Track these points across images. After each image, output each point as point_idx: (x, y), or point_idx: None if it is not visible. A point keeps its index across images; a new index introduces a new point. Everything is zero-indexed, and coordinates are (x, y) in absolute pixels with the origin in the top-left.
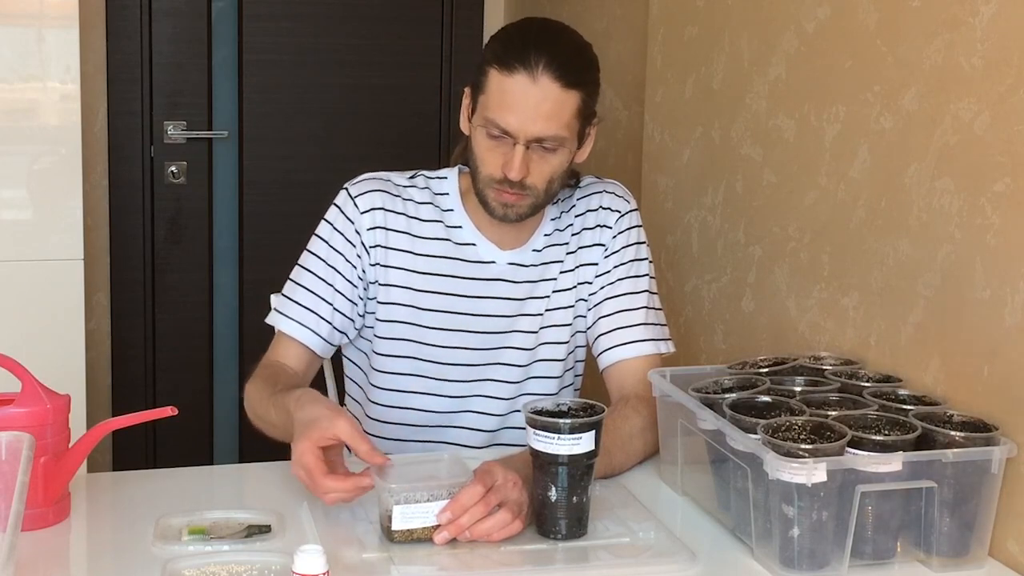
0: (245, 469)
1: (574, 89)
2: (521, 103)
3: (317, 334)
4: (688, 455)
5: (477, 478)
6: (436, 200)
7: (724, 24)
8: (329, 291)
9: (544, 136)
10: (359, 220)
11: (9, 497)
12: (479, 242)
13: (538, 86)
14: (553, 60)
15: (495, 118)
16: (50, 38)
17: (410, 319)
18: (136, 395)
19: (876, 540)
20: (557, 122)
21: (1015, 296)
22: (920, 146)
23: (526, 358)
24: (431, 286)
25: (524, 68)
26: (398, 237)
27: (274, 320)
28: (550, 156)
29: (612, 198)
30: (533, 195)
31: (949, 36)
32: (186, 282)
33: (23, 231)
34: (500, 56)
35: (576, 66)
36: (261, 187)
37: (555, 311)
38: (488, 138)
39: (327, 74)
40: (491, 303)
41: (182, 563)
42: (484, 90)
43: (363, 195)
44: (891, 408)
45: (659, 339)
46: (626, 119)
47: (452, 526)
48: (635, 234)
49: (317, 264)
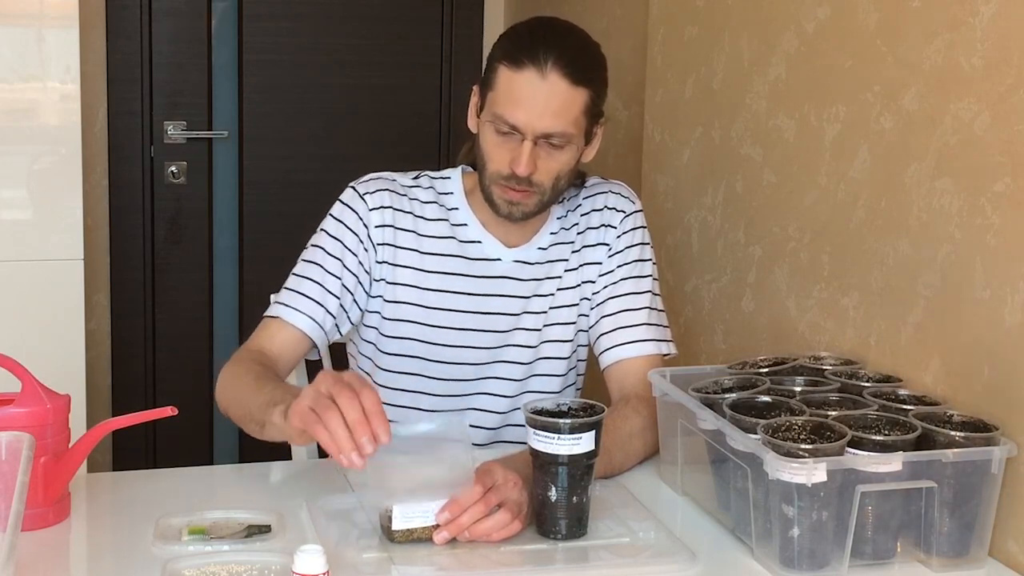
0: (245, 469)
1: (582, 86)
2: (530, 99)
3: (316, 322)
4: (688, 455)
5: (477, 478)
6: (441, 199)
7: (724, 24)
8: (337, 284)
9: (552, 132)
10: (368, 216)
11: (9, 497)
12: (485, 239)
13: (547, 82)
14: (562, 57)
15: (504, 114)
16: (50, 38)
17: (418, 318)
18: (136, 395)
19: (876, 540)
20: (565, 118)
21: (1015, 296)
22: (920, 146)
23: (530, 355)
24: (438, 285)
25: (533, 64)
26: (406, 236)
27: (274, 311)
28: (557, 153)
29: (617, 198)
30: (540, 192)
31: (949, 36)
32: (186, 282)
33: (23, 231)
34: (510, 52)
35: (585, 64)
36: (261, 187)
37: (559, 309)
38: (496, 134)
39: (327, 74)
40: (497, 301)
41: (182, 563)
42: (493, 87)
43: (372, 193)
44: (891, 408)
45: (661, 340)
46: (626, 119)
47: (452, 526)
48: (639, 234)
49: (324, 257)
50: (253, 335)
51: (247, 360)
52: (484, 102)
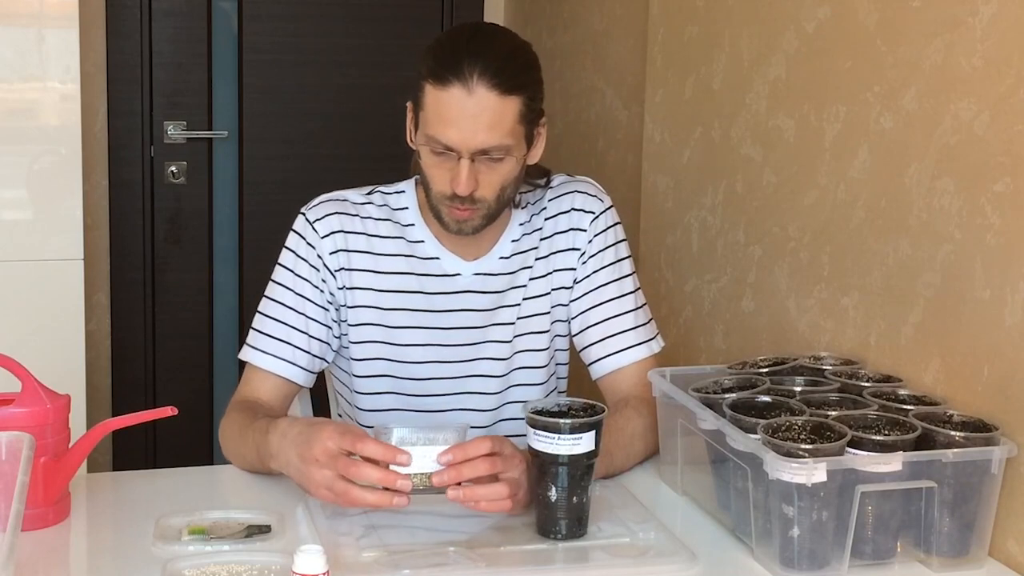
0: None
1: (513, 95)
2: (459, 117)
3: (295, 364)
4: (688, 455)
5: (488, 438)
6: (395, 216)
7: (724, 24)
8: (302, 320)
9: (488, 147)
10: (320, 245)
11: (9, 497)
12: (443, 255)
13: (474, 97)
14: (488, 68)
15: (435, 134)
16: (50, 38)
17: (383, 338)
18: (136, 395)
19: (876, 540)
20: (500, 131)
21: (1015, 296)
22: (920, 146)
23: (503, 368)
24: (399, 303)
25: (458, 80)
26: (360, 257)
27: (248, 355)
28: (498, 166)
29: (584, 198)
30: (484, 207)
31: (949, 36)
32: (186, 282)
33: (23, 231)
34: (433, 70)
35: (513, 71)
36: (261, 187)
37: (530, 318)
38: (433, 155)
39: (327, 74)
40: (461, 316)
41: (182, 563)
42: (423, 106)
43: (321, 220)
44: (891, 408)
45: (650, 339)
46: (626, 119)
47: (452, 471)
48: (612, 234)
49: (285, 294)
50: (241, 385)
51: (237, 412)
52: (417, 121)
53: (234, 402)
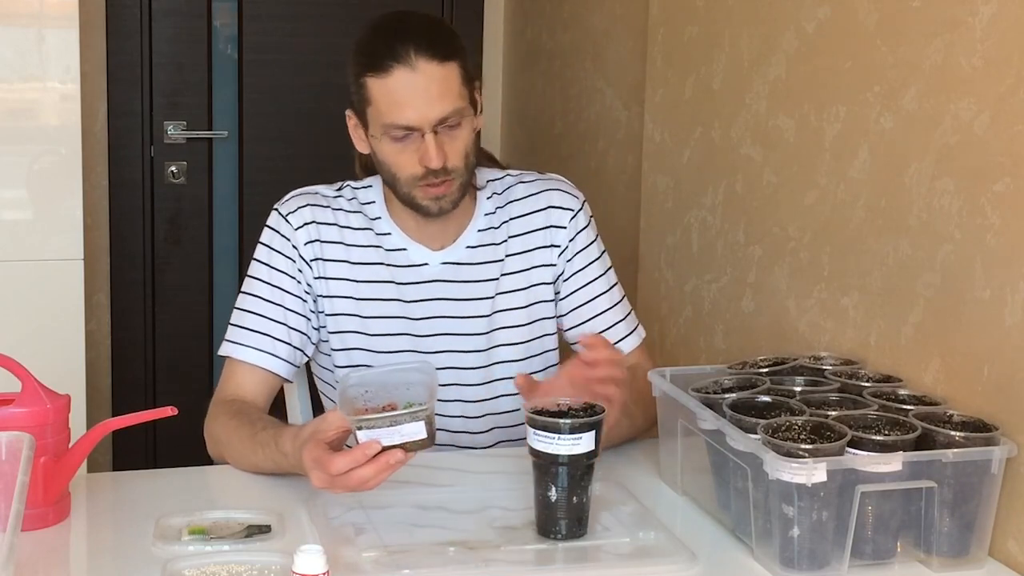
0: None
1: (451, 60)
2: (411, 95)
3: (276, 356)
4: (688, 455)
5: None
6: (364, 209)
7: (724, 24)
8: (280, 311)
9: (446, 114)
10: (295, 236)
11: (9, 497)
12: (409, 246)
13: (419, 72)
14: (421, 42)
15: (393, 120)
16: (50, 38)
17: (359, 328)
18: (136, 395)
19: (876, 540)
20: (451, 96)
21: (1015, 296)
22: (920, 146)
23: (482, 359)
24: (372, 293)
25: (398, 62)
26: (333, 248)
27: (227, 350)
28: (458, 132)
29: (561, 195)
30: (457, 175)
31: (949, 36)
32: (186, 282)
33: (23, 231)
34: (370, 63)
35: (443, 39)
36: (261, 187)
37: (505, 312)
38: (394, 142)
39: (327, 74)
40: (431, 305)
41: (182, 563)
42: (370, 101)
43: (294, 212)
44: (891, 408)
45: (636, 326)
46: (626, 119)
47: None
48: (592, 230)
49: (262, 287)
50: (222, 382)
51: (228, 414)
52: (366, 120)
53: (218, 400)
